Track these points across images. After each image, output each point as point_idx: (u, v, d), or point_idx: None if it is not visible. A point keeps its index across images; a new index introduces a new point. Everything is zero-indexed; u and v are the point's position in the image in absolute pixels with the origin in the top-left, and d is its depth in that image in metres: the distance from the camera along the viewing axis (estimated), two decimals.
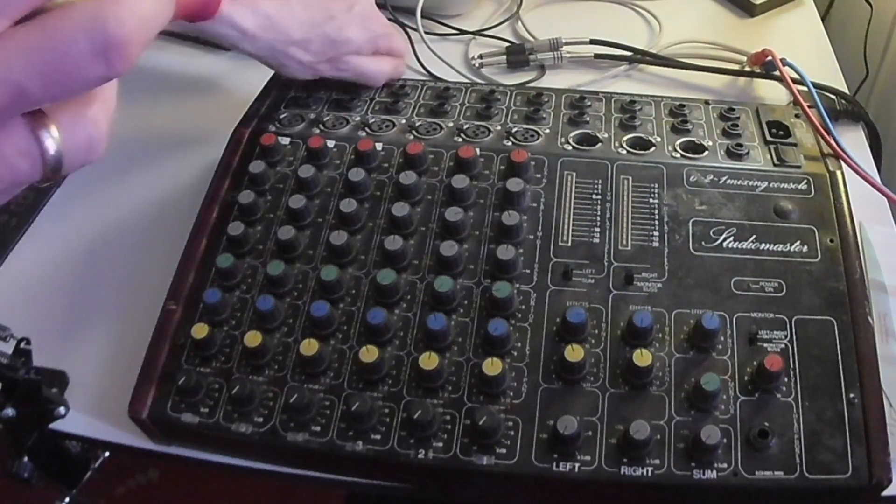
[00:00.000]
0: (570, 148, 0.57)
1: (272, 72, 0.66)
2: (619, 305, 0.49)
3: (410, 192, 0.54)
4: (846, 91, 0.72)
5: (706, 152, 0.57)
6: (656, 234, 0.52)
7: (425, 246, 0.52)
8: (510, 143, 0.58)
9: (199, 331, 0.48)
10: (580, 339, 0.47)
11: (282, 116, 0.61)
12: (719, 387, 0.44)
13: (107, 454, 0.68)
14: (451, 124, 0.60)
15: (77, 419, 0.51)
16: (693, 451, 0.43)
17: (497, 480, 0.45)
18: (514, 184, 0.53)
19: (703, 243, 0.51)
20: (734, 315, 0.48)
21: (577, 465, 0.43)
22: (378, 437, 0.45)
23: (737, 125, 0.59)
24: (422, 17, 0.79)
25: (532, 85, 0.75)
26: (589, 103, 0.62)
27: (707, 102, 0.62)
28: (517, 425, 0.45)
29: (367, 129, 0.60)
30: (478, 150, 0.57)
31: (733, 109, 0.61)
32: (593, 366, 0.46)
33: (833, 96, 0.69)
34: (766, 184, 0.54)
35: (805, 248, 0.51)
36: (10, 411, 0.47)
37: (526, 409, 0.45)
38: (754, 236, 0.52)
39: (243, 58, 0.80)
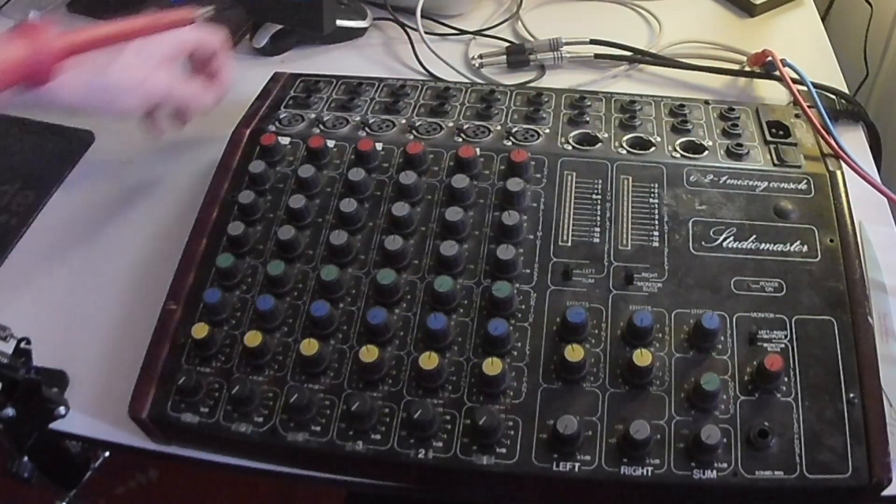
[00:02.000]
0: (570, 148, 0.57)
1: (272, 72, 0.66)
2: (619, 305, 0.49)
3: (410, 192, 0.54)
4: (846, 91, 0.72)
5: (706, 152, 0.57)
6: (656, 233, 0.52)
7: (425, 246, 0.52)
8: (510, 143, 0.58)
9: (199, 331, 0.48)
10: (580, 339, 0.47)
11: (282, 116, 0.61)
12: (719, 387, 0.44)
13: (107, 454, 0.68)
14: (451, 124, 0.60)
15: (77, 419, 0.51)
16: (693, 451, 0.43)
17: (497, 480, 0.45)
18: (514, 184, 0.53)
19: (703, 243, 0.51)
20: (734, 315, 0.48)
21: (577, 464, 0.43)
22: (378, 436, 0.45)
23: (737, 125, 0.59)
24: (422, 17, 0.79)
25: (532, 85, 0.75)
26: (589, 103, 0.62)
27: (707, 102, 0.62)
28: (517, 425, 0.45)
29: (367, 128, 0.60)
30: (478, 149, 0.57)
31: (733, 109, 0.61)
32: (593, 366, 0.46)
33: (833, 96, 0.69)
34: (766, 184, 0.54)
35: (805, 248, 0.51)
36: (10, 411, 0.47)
37: (526, 409, 0.45)
38: (754, 236, 0.52)
39: (243, 58, 0.80)
